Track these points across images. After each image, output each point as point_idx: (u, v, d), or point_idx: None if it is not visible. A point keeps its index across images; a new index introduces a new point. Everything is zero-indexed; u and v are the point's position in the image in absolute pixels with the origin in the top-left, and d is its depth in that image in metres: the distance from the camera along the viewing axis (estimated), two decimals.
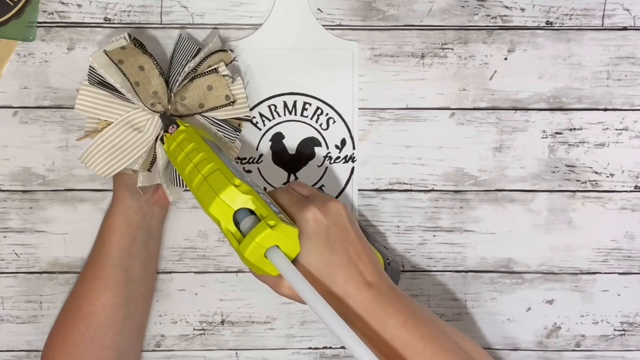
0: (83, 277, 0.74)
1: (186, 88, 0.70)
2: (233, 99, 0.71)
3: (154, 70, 0.69)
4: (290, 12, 0.76)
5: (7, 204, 0.77)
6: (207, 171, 0.61)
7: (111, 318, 0.72)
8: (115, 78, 0.68)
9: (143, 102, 0.68)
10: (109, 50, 0.69)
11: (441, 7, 0.76)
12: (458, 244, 0.80)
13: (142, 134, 0.69)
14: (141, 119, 0.69)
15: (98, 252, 0.73)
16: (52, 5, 0.75)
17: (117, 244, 0.72)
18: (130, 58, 0.68)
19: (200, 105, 0.70)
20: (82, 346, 0.71)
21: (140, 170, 0.69)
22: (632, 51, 0.77)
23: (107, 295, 0.72)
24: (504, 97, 0.78)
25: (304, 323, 0.81)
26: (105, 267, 0.72)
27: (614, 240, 0.80)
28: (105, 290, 0.72)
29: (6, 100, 0.76)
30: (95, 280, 0.72)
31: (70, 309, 0.73)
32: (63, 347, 0.72)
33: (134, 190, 0.71)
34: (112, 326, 0.72)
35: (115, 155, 0.69)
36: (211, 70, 0.70)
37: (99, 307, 0.72)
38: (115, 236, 0.72)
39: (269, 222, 0.57)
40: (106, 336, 0.72)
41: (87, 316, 0.72)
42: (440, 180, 0.79)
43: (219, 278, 0.80)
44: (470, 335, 0.81)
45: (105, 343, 0.72)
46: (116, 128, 0.69)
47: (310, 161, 0.78)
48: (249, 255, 0.58)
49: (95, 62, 0.68)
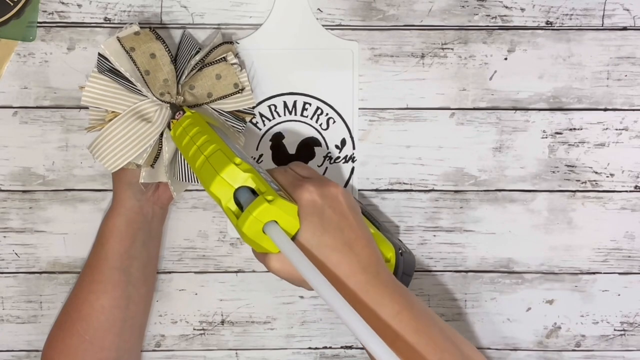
0: (82, 279, 0.74)
1: (195, 77, 0.70)
2: (241, 87, 0.71)
3: (165, 58, 0.69)
4: (290, 12, 0.76)
5: (7, 204, 0.77)
6: (210, 152, 0.61)
7: (110, 320, 0.72)
8: (125, 66, 0.68)
9: (152, 93, 0.68)
10: (122, 36, 0.69)
11: (441, 7, 0.76)
12: (458, 244, 0.80)
13: (151, 125, 0.69)
14: (150, 109, 0.69)
15: (97, 254, 0.73)
16: (52, 5, 0.75)
17: (117, 246, 0.72)
18: (142, 45, 0.68)
19: (209, 95, 0.70)
20: (82, 348, 0.71)
21: (144, 166, 0.69)
22: (632, 51, 0.77)
23: (106, 298, 0.72)
24: (504, 97, 0.78)
25: (304, 323, 0.81)
26: (105, 270, 0.72)
27: (614, 240, 0.80)
28: (104, 292, 0.72)
29: (6, 100, 0.76)
30: (94, 282, 0.72)
31: (70, 311, 0.73)
32: (62, 349, 0.72)
33: (136, 188, 0.71)
34: (111, 328, 0.72)
35: (124, 147, 0.69)
36: (220, 59, 0.70)
37: (98, 309, 0.71)
38: (115, 238, 0.72)
39: (267, 197, 0.57)
40: (106, 338, 0.72)
41: (86, 318, 0.71)
42: (440, 180, 0.79)
43: (219, 278, 0.80)
44: (470, 335, 0.81)
45: (104, 345, 0.72)
46: (125, 118, 0.68)
47: (310, 161, 0.78)
48: (247, 230, 0.57)
49: (107, 49, 0.68)
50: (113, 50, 0.68)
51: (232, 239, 0.79)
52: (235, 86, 0.71)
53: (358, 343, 0.81)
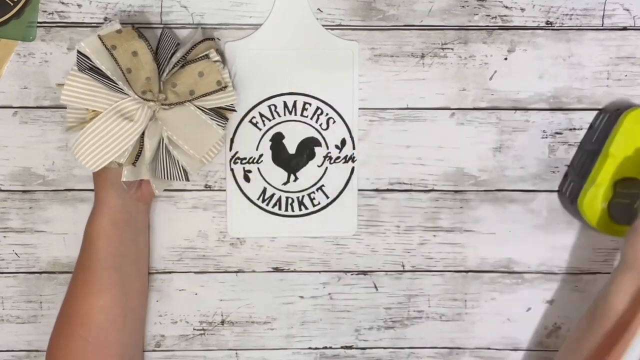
0: (76, 280, 0.73)
1: (177, 75, 0.70)
2: (224, 84, 0.71)
3: (147, 56, 0.68)
4: (290, 12, 0.76)
5: (7, 204, 0.77)
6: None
7: (111, 318, 0.72)
8: (106, 65, 0.67)
9: (134, 91, 0.68)
10: (103, 34, 0.68)
11: (441, 7, 0.76)
12: (458, 244, 0.80)
13: (133, 124, 0.68)
14: (132, 107, 0.68)
15: (87, 255, 0.72)
16: (52, 5, 0.75)
17: (106, 246, 0.71)
18: (124, 43, 0.68)
19: (191, 92, 0.70)
20: (87, 350, 0.71)
21: (126, 164, 0.69)
22: (632, 51, 0.77)
23: (103, 298, 0.71)
24: (504, 97, 0.78)
25: (304, 323, 0.81)
26: (97, 270, 0.71)
27: (613, 240, 0.80)
28: (100, 293, 0.71)
29: (6, 100, 0.76)
30: (88, 284, 0.72)
31: (69, 315, 0.73)
32: (66, 354, 0.72)
33: (118, 187, 0.71)
34: (112, 326, 0.72)
35: (105, 146, 0.68)
36: (202, 56, 0.70)
37: (96, 310, 0.71)
38: (103, 239, 0.71)
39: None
40: (109, 336, 0.72)
41: (86, 321, 0.71)
42: (440, 180, 0.79)
43: (219, 278, 0.80)
44: (470, 335, 0.81)
45: (108, 343, 0.72)
46: (107, 117, 0.68)
47: (310, 161, 0.78)
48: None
49: (87, 47, 0.67)
50: (94, 48, 0.67)
51: (232, 239, 0.79)
52: (218, 83, 0.70)
53: (358, 343, 0.82)
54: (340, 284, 0.80)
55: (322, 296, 0.80)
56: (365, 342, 0.82)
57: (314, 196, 0.78)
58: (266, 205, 0.78)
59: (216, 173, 0.78)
